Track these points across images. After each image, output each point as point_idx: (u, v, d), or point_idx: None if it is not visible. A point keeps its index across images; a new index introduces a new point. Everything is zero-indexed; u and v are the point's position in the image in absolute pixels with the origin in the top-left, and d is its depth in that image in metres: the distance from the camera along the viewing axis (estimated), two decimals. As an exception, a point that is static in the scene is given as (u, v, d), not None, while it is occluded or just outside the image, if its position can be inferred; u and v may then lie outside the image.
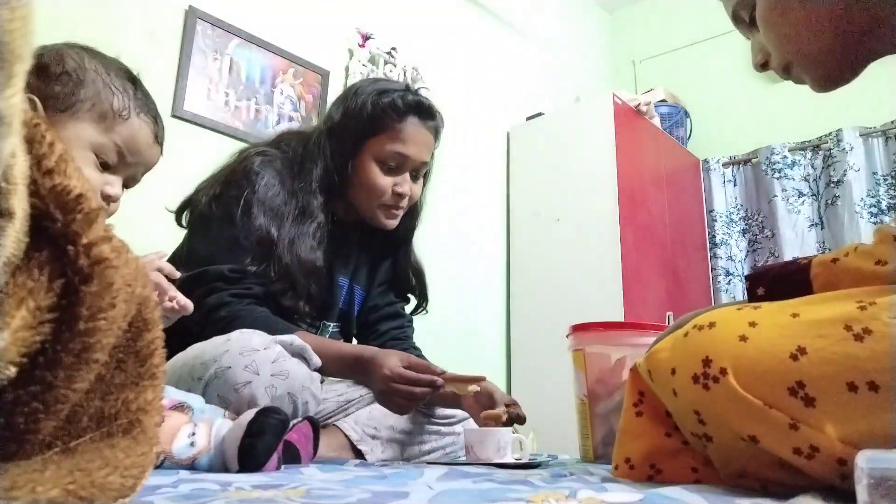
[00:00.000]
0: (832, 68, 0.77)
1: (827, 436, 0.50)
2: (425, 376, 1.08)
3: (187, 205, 1.29)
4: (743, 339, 0.56)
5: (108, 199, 0.86)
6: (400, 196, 1.30)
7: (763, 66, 0.83)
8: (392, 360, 1.09)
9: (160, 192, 1.75)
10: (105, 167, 0.86)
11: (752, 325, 0.57)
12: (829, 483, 0.52)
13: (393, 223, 1.34)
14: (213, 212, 1.21)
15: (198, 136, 1.96)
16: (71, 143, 0.81)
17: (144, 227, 1.32)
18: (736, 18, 0.85)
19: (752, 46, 0.85)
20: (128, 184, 0.91)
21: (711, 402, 0.57)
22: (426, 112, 1.31)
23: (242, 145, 2.03)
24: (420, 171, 1.35)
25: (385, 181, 1.28)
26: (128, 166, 0.88)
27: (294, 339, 1.02)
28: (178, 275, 0.94)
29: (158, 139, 0.92)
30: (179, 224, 1.30)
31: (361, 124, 1.28)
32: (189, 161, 1.88)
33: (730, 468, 0.59)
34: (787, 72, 0.81)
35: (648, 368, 0.65)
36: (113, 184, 0.86)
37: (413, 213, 1.43)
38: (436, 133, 1.36)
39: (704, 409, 0.58)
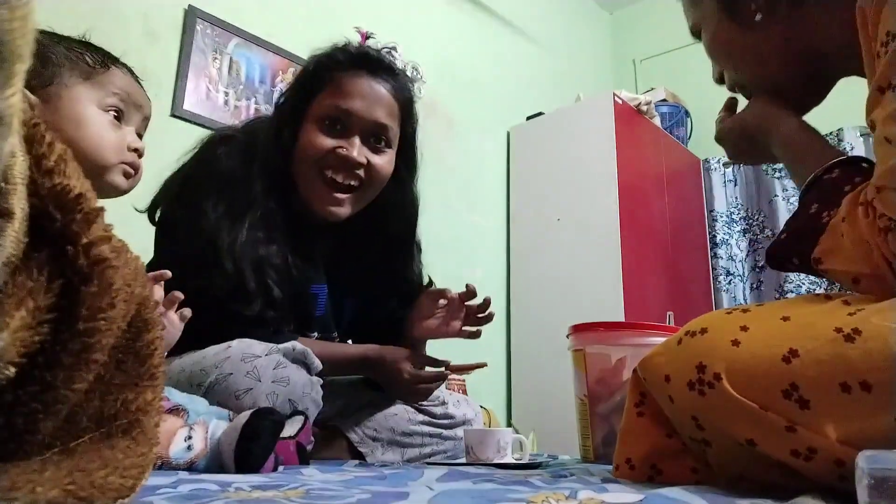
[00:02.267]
0: (786, 97, 0.80)
1: (824, 437, 0.50)
2: (437, 371, 1.16)
3: (156, 203, 1.12)
4: (735, 343, 0.56)
5: (136, 152, 0.88)
6: (343, 160, 1.07)
7: (721, 79, 0.87)
8: (405, 364, 1.13)
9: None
10: (118, 119, 0.87)
11: (744, 328, 0.57)
12: (827, 484, 0.51)
13: (339, 210, 1.09)
14: (175, 217, 1.06)
15: (197, 136, 1.96)
16: (76, 108, 0.82)
17: (143, 225, 1.32)
18: (695, 34, 0.88)
19: (711, 62, 0.88)
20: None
21: (708, 408, 0.57)
22: (375, 64, 1.11)
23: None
24: (379, 138, 1.11)
25: (323, 140, 1.07)
26: (133, 114, 0.89)
27: (296, 344, 1.00)
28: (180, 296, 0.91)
29: (140, 83, 0.92)
30: (152, 222, 1.14)
31: (302, 88, 1.11)
32: (189, 161, 1.88)
33: (729, 472, 0.59)
34: (740, 90, 0.85)
35: (643, 376, 0.65)
36: (131, 135, 0.88)
37: (404, 207, 1.23)
38: (396, 93, 1.13)
39: (701, 415, 0.58)
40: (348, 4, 2.51)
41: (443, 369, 1.16)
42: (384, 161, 1.12)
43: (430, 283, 1.35)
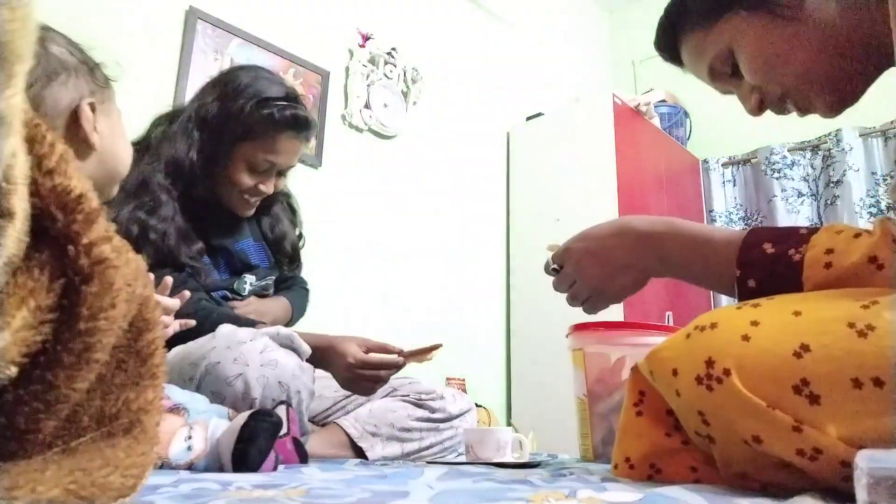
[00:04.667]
0: (842, 89, 0.76)
1: (830, 437, 0.50)
2: (388, 357, 1.15)
3: None
4: (745, 338, 0.56)
5: None
6: (262, 193, 1.31)
7: (760, 106, 0.83)
8: (352, 348, 1.14)
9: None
10: None
11: (755, 324, 0.57)
12: (831, 485, 0.51)
13: (249, 212, 1.34)
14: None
15: (198, 136, 1.96)
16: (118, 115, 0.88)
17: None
18: (714, 74, 0.85)
19: (740, 96, 0.85)
20: None
21: (715, 404, 0.56)
22: (302, 125, 1.29)
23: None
24: (286, 171, 1.35)
25: (250, 181, 1.28)
26: None
27: (280, 328, 1.03)
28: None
29: None
30: None
31: (238, 129, 1.25)
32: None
33: (731, 469, 0.59)
34: (784, 102, 0.81)
35: (650, 369, 0.65)
36: None
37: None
38: (307, 140, 1.35)
39: (708, 410, 0.58)
40: (348, 4, 2.51)
41: (396, 356, 1.15)
42: (282, 181, 1.36)
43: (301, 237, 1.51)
